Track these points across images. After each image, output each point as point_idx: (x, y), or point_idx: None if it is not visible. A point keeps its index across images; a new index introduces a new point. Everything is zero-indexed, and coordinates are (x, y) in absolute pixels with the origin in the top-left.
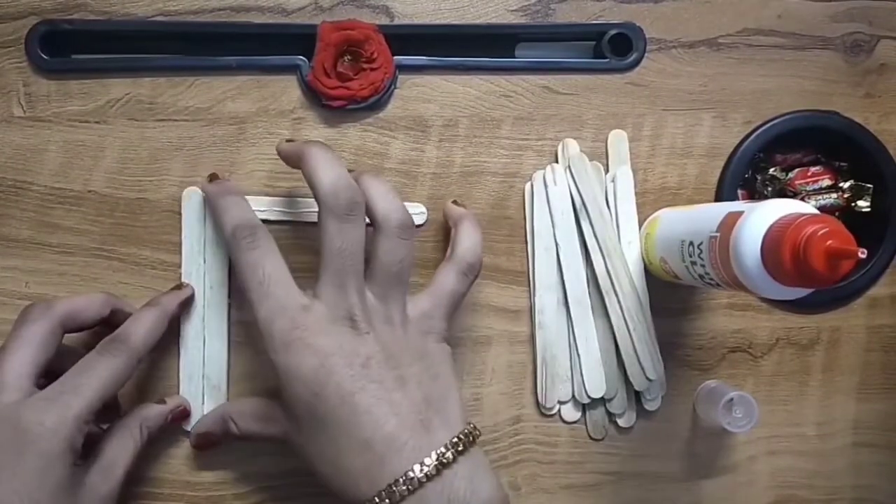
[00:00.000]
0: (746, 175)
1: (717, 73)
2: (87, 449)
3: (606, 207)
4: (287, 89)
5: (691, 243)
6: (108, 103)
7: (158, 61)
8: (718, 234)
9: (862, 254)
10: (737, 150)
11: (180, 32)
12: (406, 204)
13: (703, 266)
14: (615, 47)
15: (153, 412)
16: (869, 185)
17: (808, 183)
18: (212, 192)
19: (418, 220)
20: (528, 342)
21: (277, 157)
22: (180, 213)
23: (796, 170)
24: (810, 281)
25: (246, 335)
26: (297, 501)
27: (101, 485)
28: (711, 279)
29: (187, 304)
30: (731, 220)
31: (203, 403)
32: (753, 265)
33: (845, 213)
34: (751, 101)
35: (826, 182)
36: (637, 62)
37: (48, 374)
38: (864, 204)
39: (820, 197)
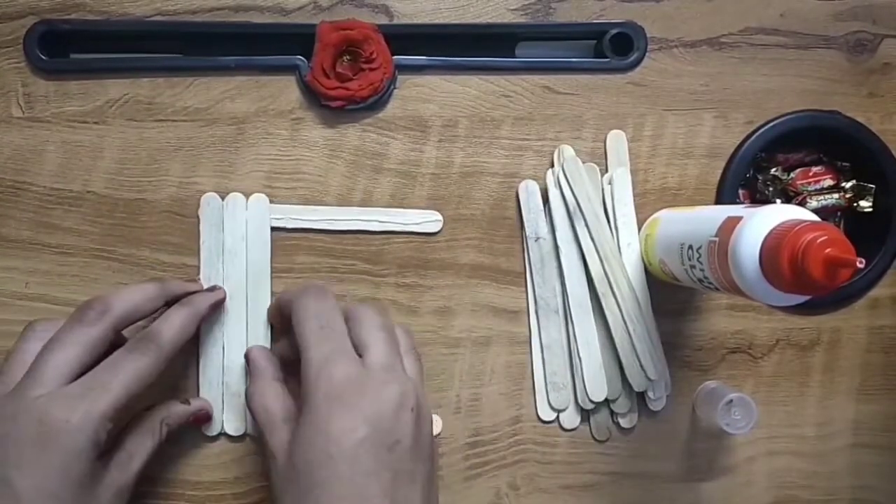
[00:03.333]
0: (748, 175)
1: (719, 73)
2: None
3: (602, 209)
4: (286, 89)
5: (690, 247)
6: (107, 103)
7: (157, 61)
8: (717, 239)
9: (860, 263)
10: (738, 150)
11: (179, 32)
12: (422, 211)
13: (702, 270)
14: (616, 47)
15: (177, 411)
16: (871, 186)
17: (809, 183)
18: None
19: (434, 227)
20: (527, 342)
21: (276, 157)
22: (180, 214)
23: (798, 170)
24: (808, 288)
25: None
26: None
27: (119, 478)
28: (710, 283)
29: (218, 306)
30: (730, 225)
31: (223, 411)
32: (752, 271)
33: (847, 214)
34: (753, 101)
35: (828, 182)
36: (638, 62)
37: None
38: (866, 204)
39: (822, 197)
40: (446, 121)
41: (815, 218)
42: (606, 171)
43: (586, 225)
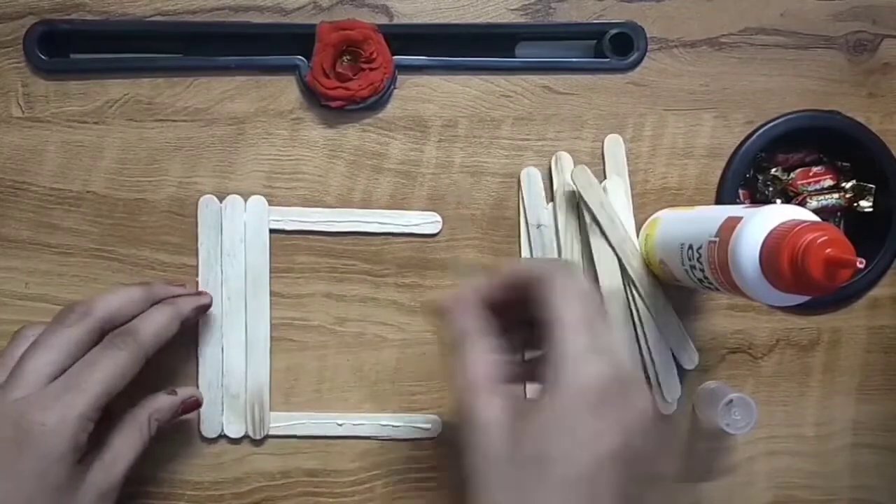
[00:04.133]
0: (748, 175)
1: (719, 73)
2: (93, 437)
3: (615, 212)
4: (286, 89)
5: (690, 247)
6: (107, 104)
7: (157, 61)
8: (718, 239)
9: (860, 263)
10: (738, 150)
11: (179, 32)
12: (421, 213)
13: (702, 271)
14: (616, 47)
15: (164, 404)
16: (871, 186)
17: (809, 183)
18: None
19: (433, 229)
20: None
21: (276, 157)
22: (180, 214)
23: (798, 170)
24: (808, 288)
25: None
26: (296, 501)
27: (104, 480)
28: (711, 283)
29: (203, 310)
30: (730, 225)
31: (223, 413)
32: (752, 272)
33: (847, 214)
34: (752, 101)
35: (828, 182)
36: (638, 62)
37: None
38: (866, 204)
39: (822, 197)
40: (446, 121)
41: (815, 218)
42: (604, 176)
43: (604, 234)
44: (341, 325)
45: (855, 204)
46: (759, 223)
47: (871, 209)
